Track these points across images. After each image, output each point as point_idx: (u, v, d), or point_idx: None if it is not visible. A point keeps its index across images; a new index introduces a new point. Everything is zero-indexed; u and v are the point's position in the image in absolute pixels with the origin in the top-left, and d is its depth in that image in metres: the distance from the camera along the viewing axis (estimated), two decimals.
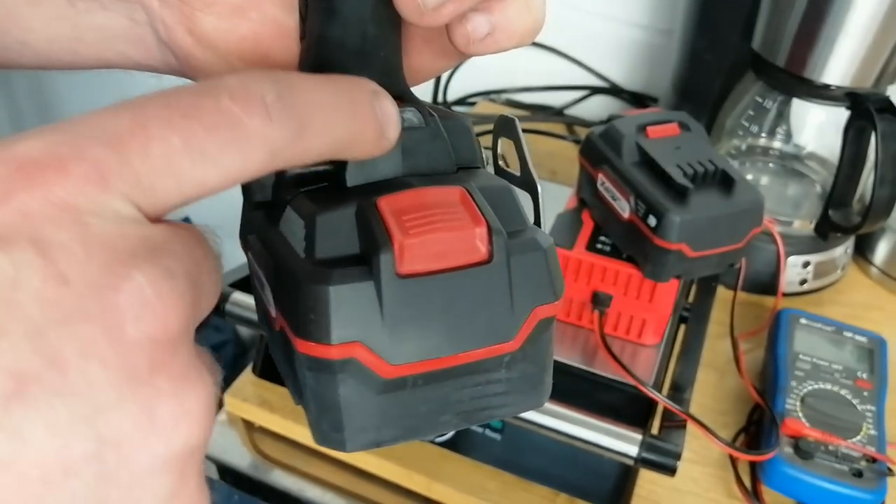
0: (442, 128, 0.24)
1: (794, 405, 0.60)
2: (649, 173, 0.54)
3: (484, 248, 0.21)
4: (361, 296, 0.20)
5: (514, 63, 1.06)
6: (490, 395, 0.22)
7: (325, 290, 0.20)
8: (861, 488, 0.56)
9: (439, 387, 0.21)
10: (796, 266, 0.76)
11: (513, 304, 0.22)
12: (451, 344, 0.21)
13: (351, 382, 0.20)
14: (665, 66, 0.90)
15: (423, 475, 0.61)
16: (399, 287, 0.20)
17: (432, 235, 0.21)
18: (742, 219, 0.54)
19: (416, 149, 0.23)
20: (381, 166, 0.23)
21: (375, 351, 0.20)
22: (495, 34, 0.25)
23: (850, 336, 0.67)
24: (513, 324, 0.22)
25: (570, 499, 0.59)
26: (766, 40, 0.71)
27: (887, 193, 0.66)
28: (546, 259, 0.22)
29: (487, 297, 0.21)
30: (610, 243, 0.57)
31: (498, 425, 0.60)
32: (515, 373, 0.22)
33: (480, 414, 0.22)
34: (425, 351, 0.21)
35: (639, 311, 0.56)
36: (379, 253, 0.20)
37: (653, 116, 0.58)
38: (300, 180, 0.23)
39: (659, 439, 0.53)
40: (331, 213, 0.21)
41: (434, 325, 0.21)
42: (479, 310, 0.21)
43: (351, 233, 0.21)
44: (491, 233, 0.21)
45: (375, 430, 0.21)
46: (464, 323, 0.21)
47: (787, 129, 0.80)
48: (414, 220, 0.21)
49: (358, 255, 0.21)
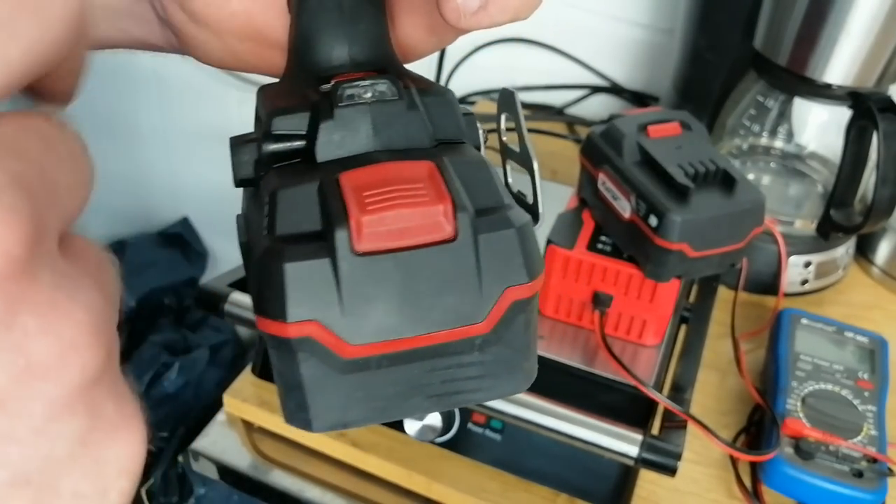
0: (419, 101, 0.23)
1: (794, 405, 0.60)
2: (650, 173, 0.54)
3: (449, 226, 0.20)
4: (318, 273, 0.19)
5: (514, 62, 1.06)
6: (462, 378, 0.22)
7: (280, 266, 0.19)
8: (862, 489, 0.55)
9: (406, 369, 0.21)
10: (797, 266, 0.76)
11: (481, 285, 0.21)
12: (413, 324, 0.20)
13: (312, 362, 0.20)
14: (666, 65, 0.90)
15: (423, 475, 0.61)
16: (356, 265, 0.20)
17: (392, 212, 0.20)
18: (743, 219, 0.54)
19: (388, 122, 0.23)
20: (351, 141, 0.22)
21: (333, 330, 0.20)
22: (488, 7, 0.24)
23: (851, 336, 0.67)
24: (481, 305, 0.21)
25: (571, 499, 0.59)
26: (767, 39, 0.71)
27: (889, 193, 0.66)
28: (518, 237, 0.21)
29: (451, 277, 0.21)
30: (611, 243, 0.57)
31: (498, 426, 0.60)
32: (489, 356, 0.22)
33: (454, 398, 0.22)
34: (385, 331, 0.20)
35: (639, 311, 0.56)
36: (335, 229, 0.19)
37: (654, 116, 0.58)
38: (274, 157, 0.22)
39: (659, 440, 0.53)
40: (293, 189, 0.21)
41: (394, 305, 0.20)
42: (443, 290, 0.21)
43: (313, 209, 0.21)
44: (455, 209, 0.20)
45: (341, 410, 0.21)
46: (426, 303, 0.20)
47: (788, 128, 0.79)
48: (375, 196, 0.20)
49: (318, 232, 0.20)
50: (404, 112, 0.23)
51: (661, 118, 0.58)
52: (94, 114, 1.44)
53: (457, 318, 0.21)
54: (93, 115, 1.45)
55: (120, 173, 1.46)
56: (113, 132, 1.45)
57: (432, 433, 0.59)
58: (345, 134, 0.22)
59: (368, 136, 0.22)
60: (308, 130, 0.22)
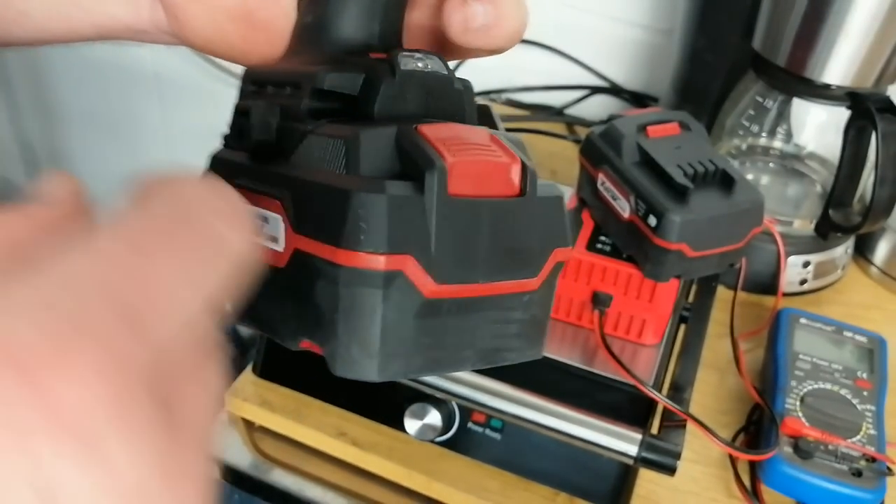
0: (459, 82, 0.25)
1: (793, 405, 0.60)
2: (649, 173, 0.54)
3: (517, 183, 0.22)
4: (414, 209, 0.20)
5: (514, 62, 1.06)
6: (507, 335, 0.22)
7: (381, 198, 0.19)
8: (860, 488, 0.56)
9: (468, 317, 0.21)
10: (796, 266, 0.76)
11: (541, 242, 0.22)
12: (487, 272, 0.21)
13: (394, 298, 0.20)
14: (665, 65, 0.90)
15: (423, 474, 0.61)
16: (449, 205, 0.20)
17: (477, 162, 0.21)
18: (742, 219, 0.54)
19: (438, 93, 0.24)
20: (405, 103, 0.23)
21: (424, 266, 0.20)
22: (490, 27, 0.25)
23: (849, 336, 0.67)
24: (539, 261, 0.22)
25: (570, 498, 0.59)
26: (766, 40, 0.71)
27: (887, 193, 0.66)
28: (564, 204, 0.23)
29: (522, 231, 0.22)
30: (610, 243, 0.57)
31: (498, 425, 0.60)
32: (528, 315, 0.23)
33: (495, 355, 0.23)
34: (466, 275, 0.21)
35: (639, 310, 0.56)
36: (432, 169, 0.20)
37: (653, 116, 0.58)
38: (316, 113, 0.23)
39: (659, 439, 0.53)
40: (373, 132, 0.21)
41: (476, 250, 0.21)
42: (516, 242, 0.22)
43: (391, 154, 0.21)
44: (525, 169, 0.22)
45: (406, 357, 0.21)
46: (500, 253, 0.21)
47: (787, 128, 0.80)
48: (456, 146, 0.21)
49: (401, 174, 0.21)
50: (451, 87, 0.24)
51: (661, 118, 0.58)
52: (94, 114, 1.44)
53: (521, 271, 0.22)
54: (94, 114, 1.45)
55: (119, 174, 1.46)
56: (113, 132, 1.45)
57: (432, 432, 0.59)
58: (401, 95, 0.23)
59: (420, 101, 0.24)
60: (362, 90, 0.23)
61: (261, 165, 0.24)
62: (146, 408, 0.14)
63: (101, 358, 0.13)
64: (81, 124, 1.49)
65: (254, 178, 0.23)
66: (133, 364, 0.14)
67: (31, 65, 1.45)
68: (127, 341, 0.14)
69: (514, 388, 0.55)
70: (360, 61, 0.24)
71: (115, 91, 1.38)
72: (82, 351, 0.13)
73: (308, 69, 0.24)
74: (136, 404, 0.13)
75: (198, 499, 0.15)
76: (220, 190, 0.19)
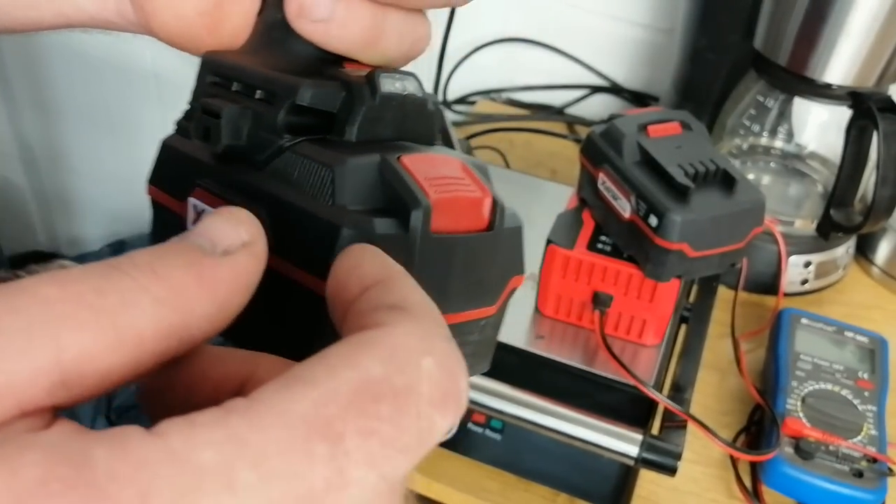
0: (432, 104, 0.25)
1: (794, 405, 0.60)
2: (650, 173, 0.54)
3: (487, 217, 0.23)
4: (398, 247, 0.20)
5: (514, 62, 1.06)
6: (463, 355, 0.23)
7: (369, 237, 0.20)
8: (861, 488, 0.55)
9: None
10: (797, 266, 0.76)
11: (501, 272, 0.23)
12: (456, 303, 0.22)
13: None
14: (666, 65, 0.90)
15: (423, 475, 0.61)
16: (429, 243, 0.21)
17: (455, 198, 0.22)
18: (743, 218, 0.54)
19: (413, 117, 0.24)
20: (382, 126, 0.23)
21: None
22: (330, 24, 0.24)
23: (851, 336, 0.67)
24: (498, 290, 0.23)
25: (571, 499, 0.59)
26: (767, 39, 0.71)
27: (889, 193, 0.66)
28: (522, 234, 0.24)
29: (487, 263, 0.23)
30: (611, 243, 0.57)
31: (498, 425, 0.60)
32: (482, 337, 0.24)
33: None
34: (441, 306, 0.21)
35: (639, 311, 0.56)
36: (418, 208, 0.21)
37: (654, 115, 0.58)
38: (291, 128, 0.23)
39: (659, 439, 0.53)
40: (358, 163, 0.21)
41: (449, 284, 0.22)
42: (482, 273, 0.23)
43: (373, 183, 0.21)
44: (495, 204, 0.23)
45: None
46: (470, 283, 0.22)
47: (788, 128, 0.79)
48: (436, 182, 0.21)
49: (382, 207, 0.21)
50: (425, 110, 0.25)
51: (661, 118, 0.58)
52: (94, 114, 1.44)
53: (484, 300, 0.23)
54: (93, 114, 1.45)
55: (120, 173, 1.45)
56: (113, 132, 1.45)
57: None
58: (380, 119, 0.23)
59: (397, 124, 0.24)
60: (341, 109, 0.23)
61: (229, 171, 0.23)
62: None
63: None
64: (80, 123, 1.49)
65: (221, 183, 0.23)
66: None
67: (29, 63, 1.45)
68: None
69: (514, 388, 0.55)
70: (339, 75, 0.24)
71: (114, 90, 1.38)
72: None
73: (284, 78, 0.23)
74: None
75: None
76: (448, 365, 0.16)
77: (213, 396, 0.17)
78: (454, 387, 0.16)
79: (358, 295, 0.18)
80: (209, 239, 0.17)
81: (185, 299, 0.16)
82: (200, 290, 0.16)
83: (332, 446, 0.14)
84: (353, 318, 0.17)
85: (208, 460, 0.13)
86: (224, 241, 0.17)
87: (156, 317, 0.15)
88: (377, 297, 0.17)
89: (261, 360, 0.18)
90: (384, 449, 0.15)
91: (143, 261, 0.16)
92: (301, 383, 0.15)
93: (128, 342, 0.15)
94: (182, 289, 0.16)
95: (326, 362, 0.15)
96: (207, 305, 0.16)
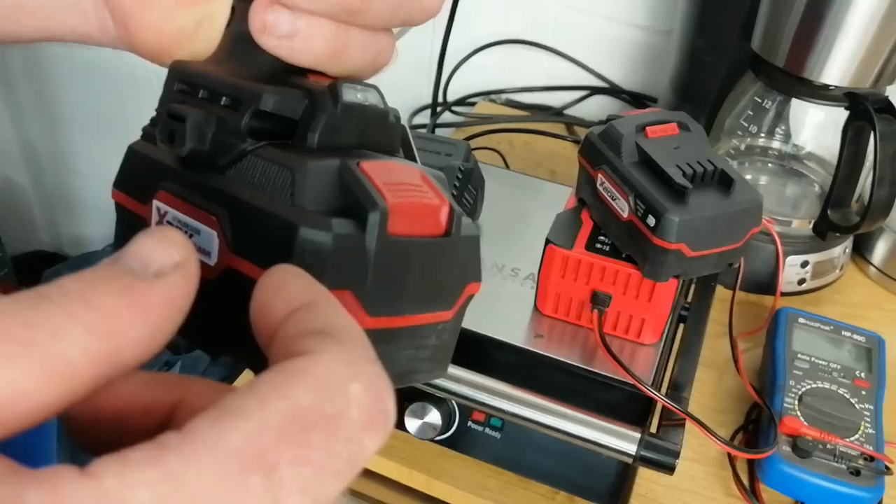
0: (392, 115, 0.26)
1: (792, 404, 0.61)
2: (648, 173, 0.54)
3: (444, 224, 0.23)
4: (355, 247, 0.21)
5: (513, 63, 1.06)
6: (420, 359, 0.24)
7: (327, 235, 0.20)
8: (859, 487, 0.56)
9: (390, 345, 0.23)
10: (795, 266, 0.76)
11: (458, 278, 0.24)
12: (412, 305, 0.23)
13: None
14: (664, 66, 0.91)
15: (423, 473, 0.61)
16: (386, 245, 0.21)
17: (413, 203, 0.22)
18: (741, 219, 0.54)
19: (373, 127, 0.25)
20: (343, 135, 0.24)
21: (360, 301, 0.21)
22: (294, 39, 0.25)
23: (848, 335, 0.67)
24: (454, 295, 0.24)
25: (570, 497, 0.59)
26: (765, 40, 0.71)
27: (886, 193, 0.66)
28: (479, 242, 0.25)
29: (444, 268, 0.23)
30: (609, 243, 0.57)
31: (498, 424, 0.60)
32: (439, 342, 0.24)
33: (407, 377, 0.24)
34: (395, 308, 0.22)
35: (638, 310, 0.57)
36: (375, 209, 0.21)
37: (652, 116, 0.58)
38: (254, 133, 0.23)
39: (658, 438, 0.53)
40: (319, 164, 0.22)
41: (405, 286, 0.22)
42: (438, 278, 0.23)
43: (332, 186, 0.22)
44: (452, 211, 0.23)
45: None
46: (424, 288, 0.23)
47: (785, 129, 0.80)
48: (394, 187, 0.22)
49: (341, 210, 0.22)
50: (386, 121, 0.25)
51: (660, 119, 0.58)
52: (95, 115, 1.45)
53: (440, 304, 0.24)
54: (94, 115, 1.45)
55: None
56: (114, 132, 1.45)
57: (432, 431, 0.59)
58: (341, 127, 0.24)
59: (357, 133, 0.24)
60: (304, 116, 0.24)
61: (192, 174, 0.24)
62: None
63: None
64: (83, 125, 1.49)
65: (184, 185, 0.24)
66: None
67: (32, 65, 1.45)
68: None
69: (513, 387, 0.56)
70: (302, 84, 0.24)
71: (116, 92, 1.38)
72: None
73: (249, 85, 0.24)
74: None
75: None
76: (375, 388, 0.17)
77: (143, 423, 0.17)
78: (382, 408, 0.17)
79: (284, 318, 0.17)
80: (141, 261, 0.17)
81: (118, 325, 0.16)
82: (133, 316, 0.16)
83: (267, 478, 0.14)
84: (279, 344, 0.17)
85: (144, 500, 0.13)
86: (156, 263, 0.17)
87: (88, 345, 0.15)
88: (303, 321, 0.17)
89: (191, 385, 0.18)
90: (317, 476, 0.15)
91: (73, 288, 0.16)
92: (233, 416, 0.15)
93: (60, 373, 0.15)
94: (114, 315, 0.16)
95: (257, 393, 0.15)
96: (141, 330, 0.16)
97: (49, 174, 1.60)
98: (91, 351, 0.15)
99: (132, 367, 0.17)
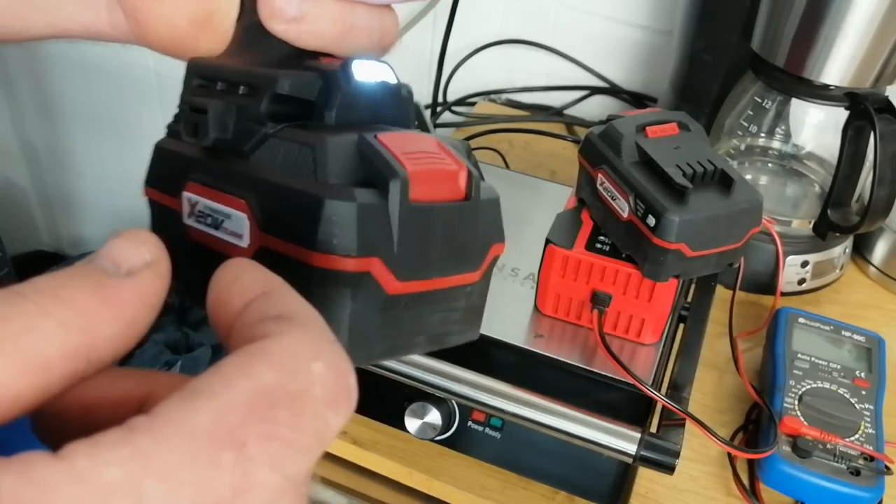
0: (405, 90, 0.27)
1: (792, 404, 0.61)
2: (648, 173, 0.54)
3: (464, 188, 0.24)
4: (379, 215, 0.22)
5: (514, 63, 1.06)
6: (452, 321, 0.25)
7: (352, 206, 0.21)
8: (859, 486, 0.56)
9: (421, 309, 0.24)
10: (795, 265, 0.76)
11: (482, 240, 0.25)
12: (439, 268, 0.23)
13: (361, 296, 0.22)
14: (664, 66, 0.91)
15: (423, 473, 0.61)
16: (409, 211, 0.22)
17: (432, 169, 0.23)
18: (741, 218, 0.54)
19: (387, 102, 0.26)
20: (358, 112, 0.25)
21: (388, 266, 0.22)
22: (301, 22, 0.26)
23: (848, 335, 0.67)
24: (480, 256, 0.25)
25: (570, 497, 0.59)
26: (765, 40, 0.71)
27: (886, 193, 0.66)
28: (499, 204, 0.26)
29: (468, 230, 0.24)
30: (609, 243, 0.57)
31: (498, 424, 0.60)
32: (469, 303, 0.25)
33: (442, 339, 0.25)
34: (422, 272, 0.23)
35: (638, 310, 0.57)
36: (396, 178, 0.22)
37: (652, 116, 0.58)
38: (274, 117, 0.24)
39: (658, 438, 0.53)
40: (337, 140, 0.23)
41: (431, 250, 0.23)
42: (462, 241, 0.24)
43: (353, 160, 0.23)
44: (470, 175, 0.24)
45: (369, 346, 0.23)
46: (450, 251, 0.24)
47: (786, 129, 0.80)
48: (412, 156, 0.23)
49: (363, 181, 0.22)
50: (399, 96, 0.26)
51: (660, 119, 0.58)
52: (96, 114, 1.45)
53: (466, 266, 0.24)
54: (95, 115, 1.45)
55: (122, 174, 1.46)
56: (115, 133, 1.45)
57: (432, 431, 0.59)
58: (355, 103, 0.25)
59: (372, 109, 0.25)
60: (319, 96, 0.25)
61: (218, 163, 0.25)
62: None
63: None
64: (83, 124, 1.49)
65: (211, 174, 0.24)
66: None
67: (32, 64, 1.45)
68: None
69: (513, 387, 0.56)
70: (315, 66, 0.25)
71: (116, 91, 1.38)
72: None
73: (265, 72, 0.25)
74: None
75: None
76: (337, 366, 0.17)
77: (113, 419, 0.17)
78: (344, 386, 0.17)
79: (241, 308, 0.18)
80: (112, 261, 0.17)
81: (91, 321, 0.16)
82: (106, 311, 0.16)
83: (236, 453, 0.15)
84: (239, 331, 0.17)
85: (115, 477, 0.14)
86: (127, 262, 0.17)
87: (62, 340, 0.16)
88: (261, 308, 0.18)
89: (158, 378, 0.19)
90: (285, 450, 0.15)
91: (46, 286, 0.16)
92: (200, 396, 0.15)
93: (34, 366, 0.15)
94: (87, 311, 0.16)
95: (222, 374, 0.16)
96: (114, 325, 0.17)
97: (49, 174, 1.60)
98: (65, 345, 0.16)
99: (106, 363, 0.17)
